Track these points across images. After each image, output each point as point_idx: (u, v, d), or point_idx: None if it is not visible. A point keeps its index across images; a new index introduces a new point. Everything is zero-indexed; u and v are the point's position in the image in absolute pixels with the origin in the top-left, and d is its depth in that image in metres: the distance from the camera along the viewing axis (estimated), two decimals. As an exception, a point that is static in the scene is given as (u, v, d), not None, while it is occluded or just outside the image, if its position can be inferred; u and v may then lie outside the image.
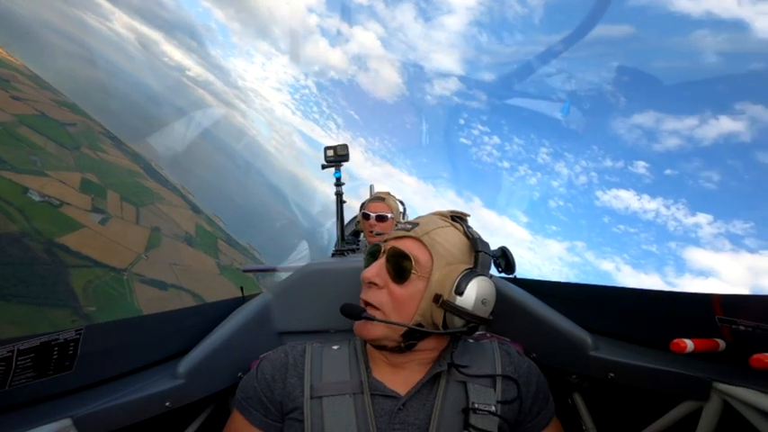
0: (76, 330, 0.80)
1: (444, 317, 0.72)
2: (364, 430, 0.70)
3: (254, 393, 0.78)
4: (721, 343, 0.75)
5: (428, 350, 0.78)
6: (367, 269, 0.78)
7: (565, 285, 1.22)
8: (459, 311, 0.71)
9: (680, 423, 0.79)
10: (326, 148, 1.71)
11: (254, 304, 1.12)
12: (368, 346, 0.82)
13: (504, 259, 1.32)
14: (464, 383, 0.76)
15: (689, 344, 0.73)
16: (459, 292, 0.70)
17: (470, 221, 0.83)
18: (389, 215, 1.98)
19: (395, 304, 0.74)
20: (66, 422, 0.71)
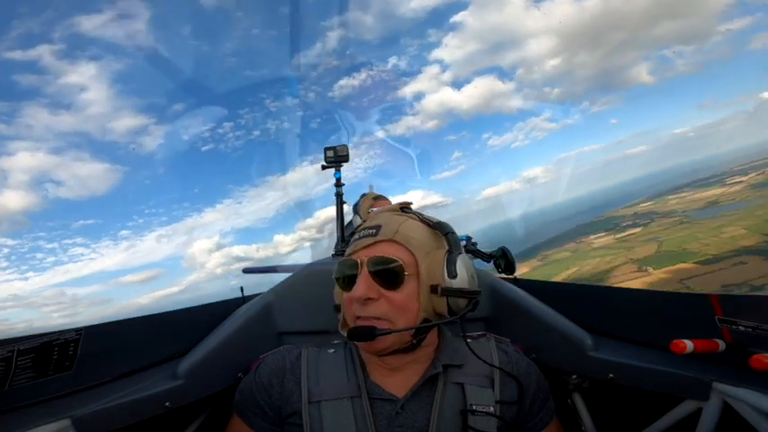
0: (76, 331, 0.80)
1: (448, 303, 0.72)
2: None
3: (252, 398, 0.78)
4: (721, 343, 0.74)
5: (427, 345, 0.78)
6: (354, 290, 0.72)
7: (564, 285, 1.22)
8: (461, 292, 0.72)
9: (680, 423, 0.79)
10: (326, 149, 1.69)
11: (254, 304, 1.12)
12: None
13: (504, 259, 1.32)
14: (462, 384, 0.76)
15: (689, 344, 0.73)
16: (453, 276, 0.71)
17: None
18: None
19: (398, 310, 0.72)
20: (66, 422, 0.71)
